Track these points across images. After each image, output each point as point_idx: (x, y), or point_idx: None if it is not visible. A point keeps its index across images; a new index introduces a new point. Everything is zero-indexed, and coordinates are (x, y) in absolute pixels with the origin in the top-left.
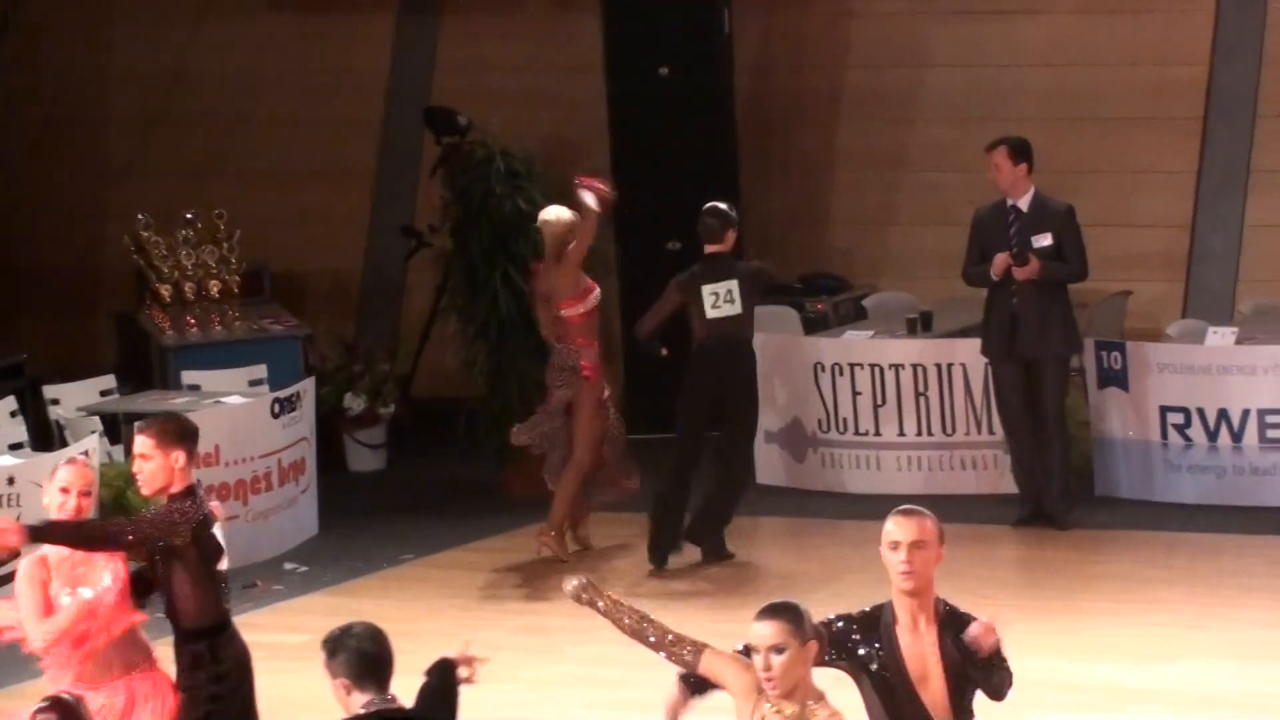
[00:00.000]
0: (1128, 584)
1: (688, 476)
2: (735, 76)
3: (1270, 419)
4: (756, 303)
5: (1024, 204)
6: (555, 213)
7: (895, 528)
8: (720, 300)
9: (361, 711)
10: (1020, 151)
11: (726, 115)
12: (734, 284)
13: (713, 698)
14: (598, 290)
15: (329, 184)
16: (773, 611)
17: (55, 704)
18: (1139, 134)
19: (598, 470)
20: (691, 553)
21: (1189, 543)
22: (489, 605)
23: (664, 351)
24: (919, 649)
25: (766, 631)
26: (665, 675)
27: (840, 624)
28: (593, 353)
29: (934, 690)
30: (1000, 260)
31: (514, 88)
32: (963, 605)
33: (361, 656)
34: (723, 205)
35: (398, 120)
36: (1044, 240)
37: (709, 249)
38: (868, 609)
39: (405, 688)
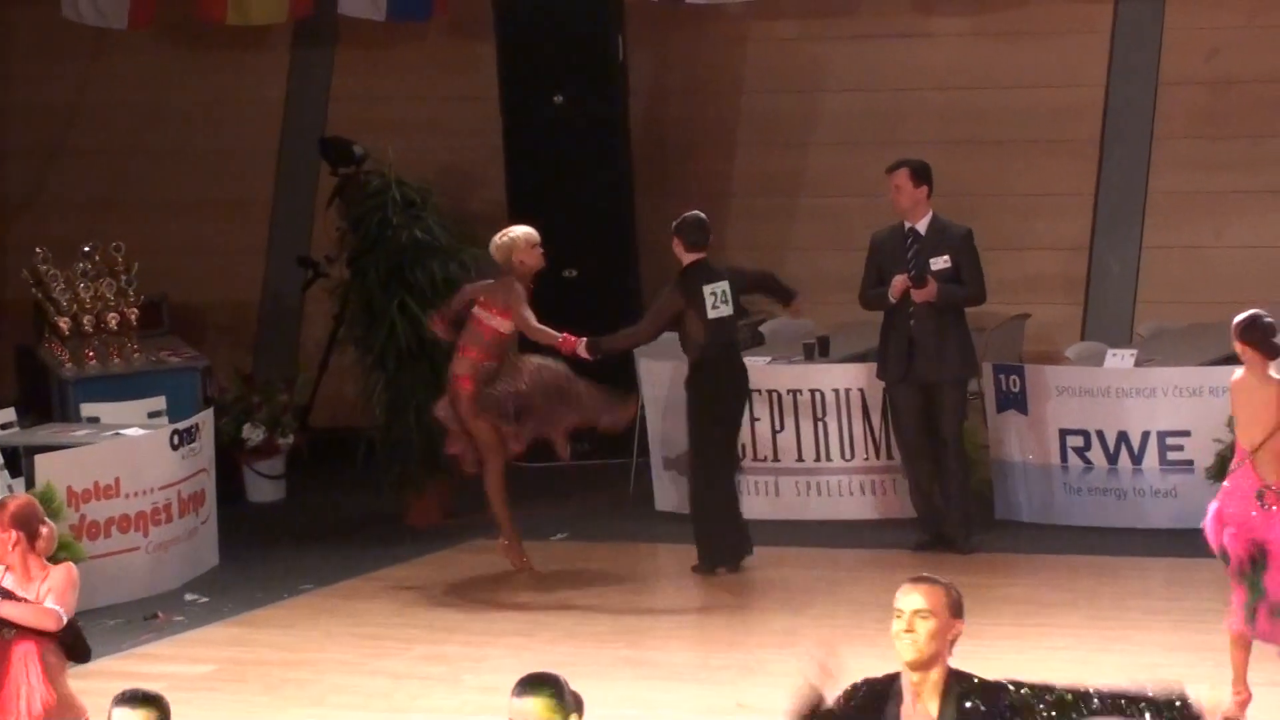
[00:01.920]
0: (1029, 608)
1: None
2: (630, 103)
3: (1170, 441)
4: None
5: (922, 227)
6: (494, 243)
7: (901, 594)
8: (718, 301)
9: None
10: (921, 174)
11: (622, 142)
12: (726, 285)
13: None
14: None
15: (226, 215)
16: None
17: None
18: (1036, 157)
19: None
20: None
21: (1090, 566)
22: (389, 635)
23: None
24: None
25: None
26: None
27: (850, 697)
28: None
29: None
30: (898, 282)
31: (409, 117)
32: (862, 630)
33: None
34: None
35: (293, 151)
36: (942, 263)
37: (695, 256)
38: (880, 676)
39: (307, 715)
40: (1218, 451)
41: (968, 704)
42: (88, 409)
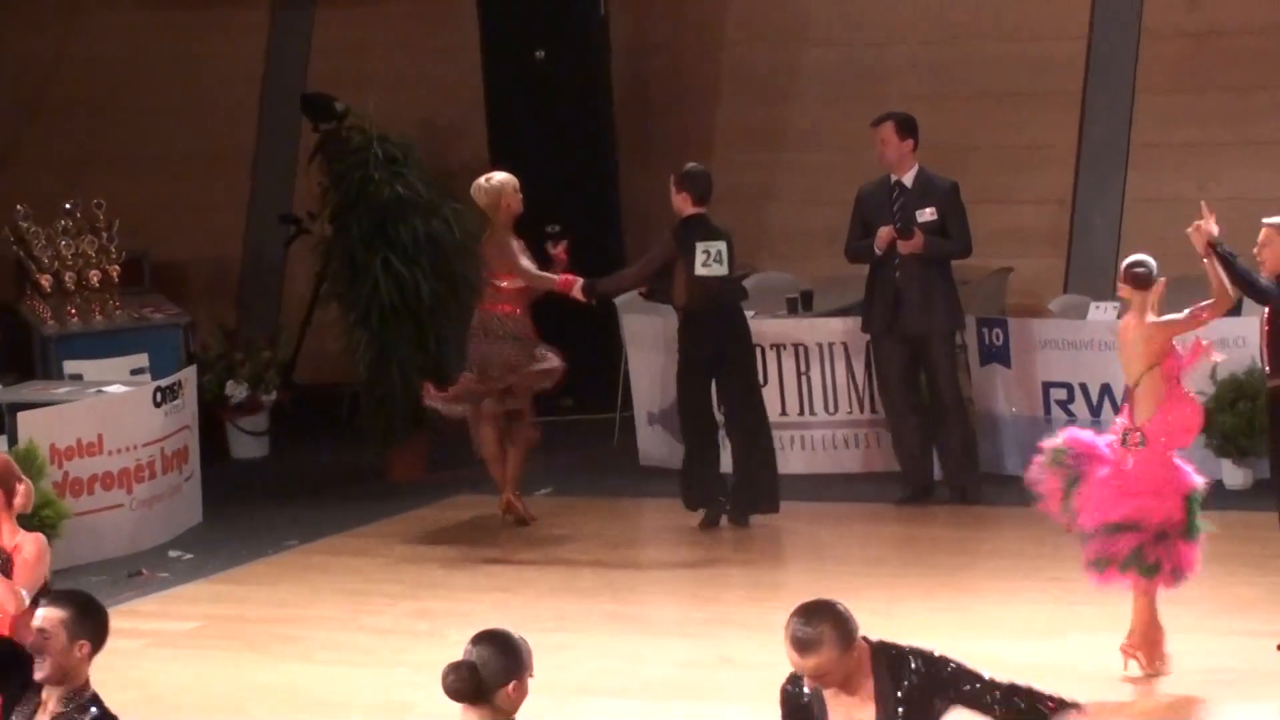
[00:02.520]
0: (1012, 560)
1: (714, 436)
2: (612, 58)
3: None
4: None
5: (908, 179)
6: (475, 187)
7: (790, 650)
8: (710, 259)
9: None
10: (907, 127)
11: (604, 97)
12: (724, 245)
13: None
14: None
15: (207, 172)
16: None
17: None
18: (1018, 109)
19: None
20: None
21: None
22: (374, 590)
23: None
24: (851, 706)
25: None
26: (545, 659)
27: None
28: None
29: None
30: (884, 234)
31: (390, 73)
32: (845, 583)
33: (106, 627)
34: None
35: (275, 107)
36: (928, 215)
37: (696, 210)
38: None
39: (295, 674)
40: (1202, 403)
41: (906, 681)
42: (70, 366)
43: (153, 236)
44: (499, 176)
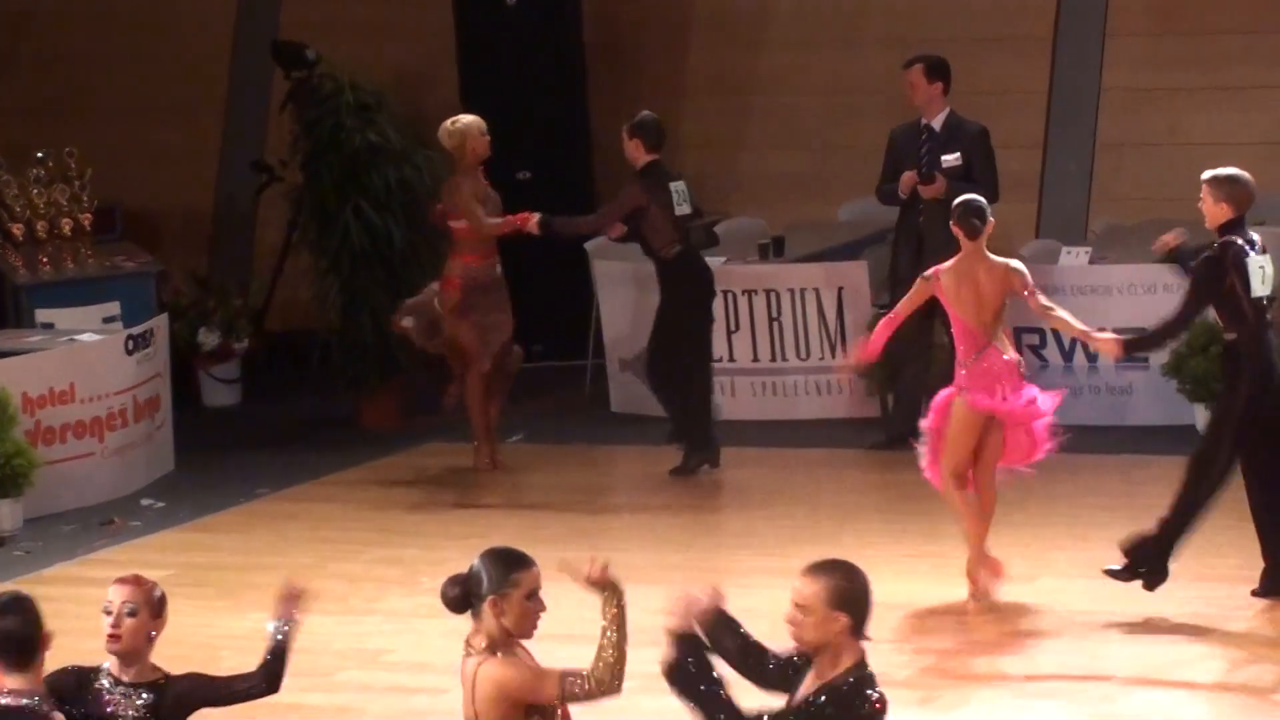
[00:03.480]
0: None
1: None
2: (582, 3)
3: (1125, 338)
4: None
5: (937, 123)
6: (442, 130)
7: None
8: (681, 199)
9: (8, 701)
10: (936, 70)
11: (575, 43)
12: (685, 184)
13: None
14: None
15: (179, 120)
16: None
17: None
18: (988, 54)
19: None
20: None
21: (1045, 463)
22: (345, 538)
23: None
24: (809, 683)
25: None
26: None
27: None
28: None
29: None
30: (907, 178)
31: (361, 19)
32: (817, 529)
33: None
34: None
35: (246, 55)
36: (953, 160)
37: (651, 157)
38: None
39: (266, 621)
40: (1173, 349)
41: (823, 698)
42: (42, 315)
43: (125, 185)
44: (465, 119)
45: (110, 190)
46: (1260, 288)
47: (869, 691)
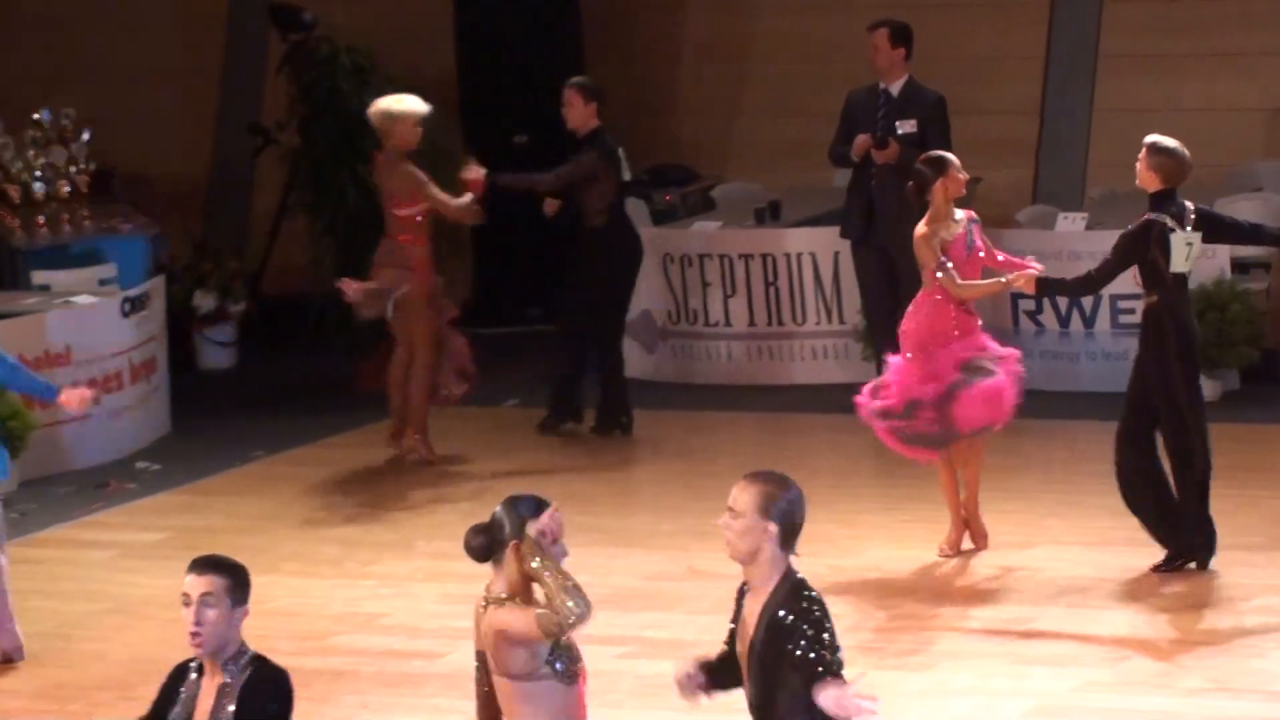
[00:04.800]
0: (981, 472)
1: None
2: None
3: (1122, 304)
4: None
5: (895, 89)
6: (378, 103)
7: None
8: (625, 167)
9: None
10: (900, 35)
11: (571, 6)
12: (622, 151)
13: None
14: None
15: (175, 83)
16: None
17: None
18: (985, 20)
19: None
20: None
21: (1042, 429)
22: (340, 501)
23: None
24: (752, 610)
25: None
26: None
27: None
28: (424, 251)
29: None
30: (860, 141)
31: None
32: (813, 493)
33: (249, 589)
34: None
35: (242, 18)
36: (908, 126)
37: (600, 123)
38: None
39: (262, 586)
40: None
41: (782, 613)
42: (38, 277)
43: (121, 148)
44: (409, 102)
45: (107, 153)
46: (1183, 264)
47: (809, 593)
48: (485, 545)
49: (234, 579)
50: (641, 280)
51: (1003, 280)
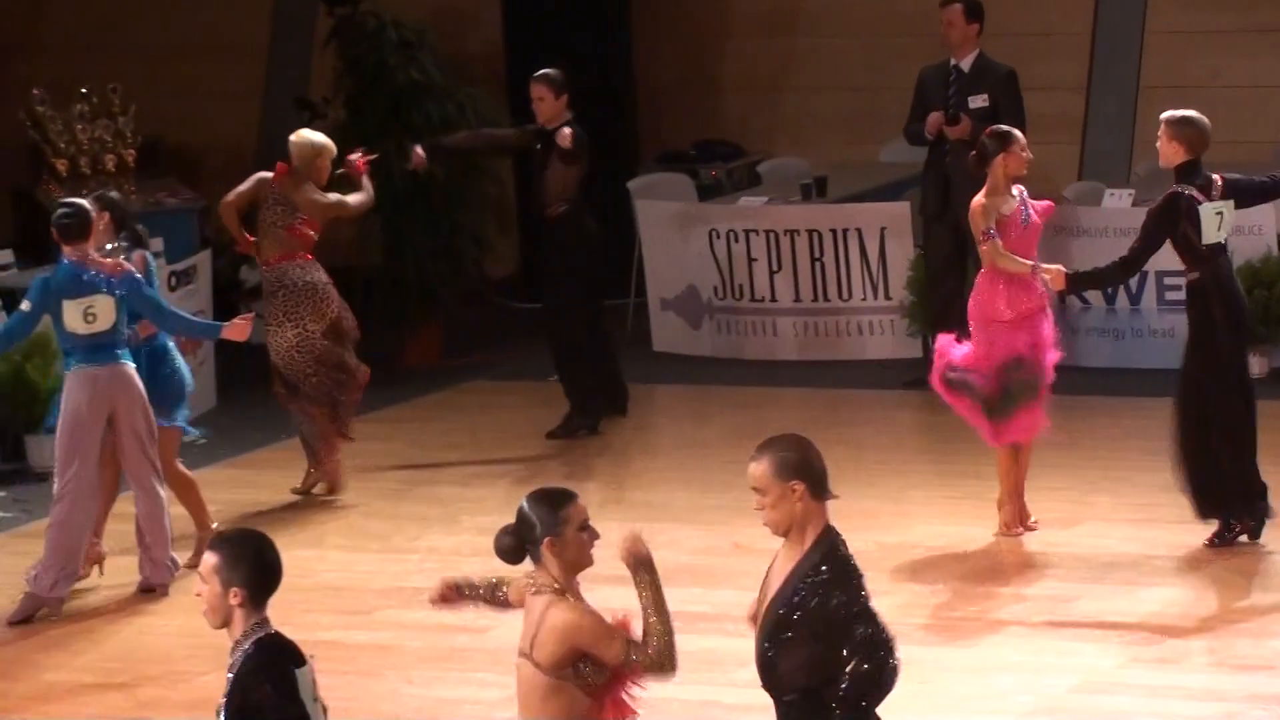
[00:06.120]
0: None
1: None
2: None
3: (1168, 280)
4: None
5: (966, 64)
6: (304, 134)
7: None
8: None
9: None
10: (974, 10)
11: None
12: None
13: None
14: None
15: (222, 57)
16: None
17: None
18: None
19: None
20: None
21: (1088, 406)
22: (387, 475)
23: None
24: (783, 567)
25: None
26: None
27: None
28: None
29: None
30: (934, 119)
31: None
32: (859, 470)
33: (265, 570)
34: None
35: None
36: (980, 101)
37: (572, 114)
38: None
39: (308, 560)
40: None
41: (819, 575)
42: None
43: (168, 121)
44: (322, 137)
45: (154, 126)
46: (1215, 234)
47: (844, 552)
48: (515, 546)
49: (225, 558)
50: (686, 255)
51: (1029, 264)
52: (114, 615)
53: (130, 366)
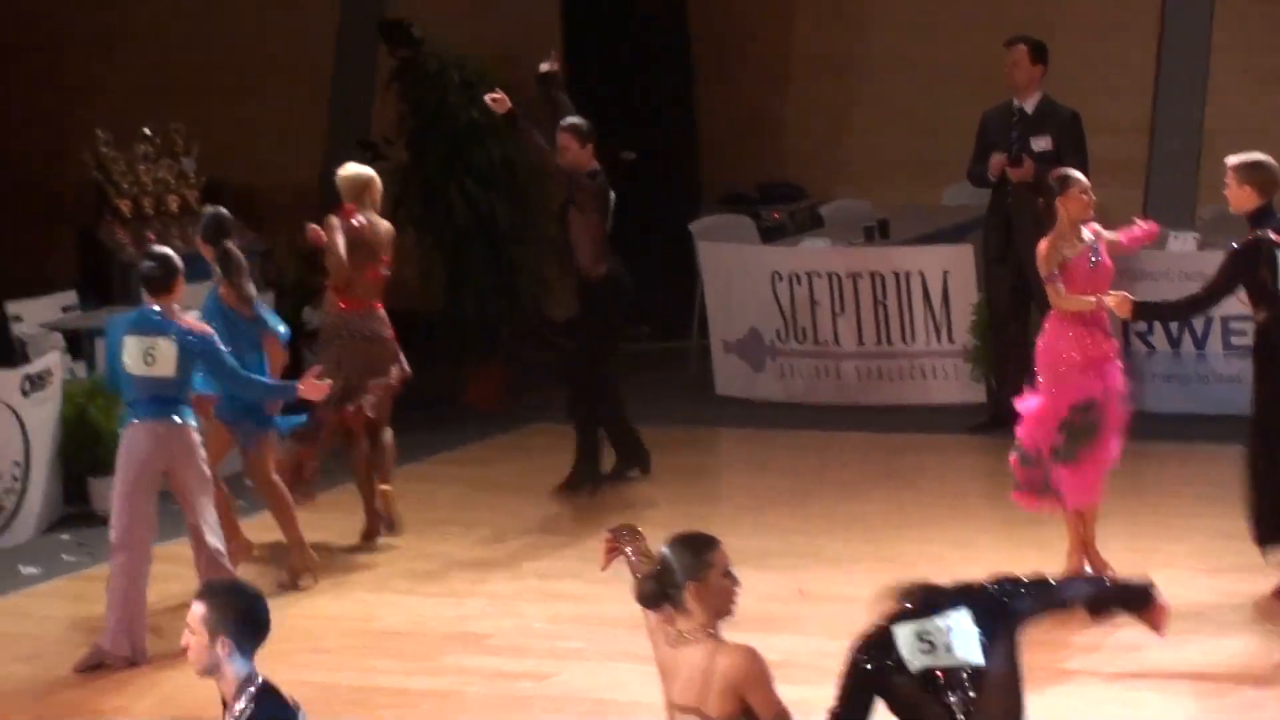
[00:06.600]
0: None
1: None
2: None
3: (1234, 325)
4: None
5: (1029, 106)
6: (351, 168)
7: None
8: (613, 212)
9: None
10: (1039, 52)
11: (680, 23)
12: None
13: None
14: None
15: (286, 98)
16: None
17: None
18: (1096, 38)
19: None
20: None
21: (1154, 453)
22: (450, 519)
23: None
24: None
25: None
26: (622, 590)
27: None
28: None
29: None
30: (996, 161)
31: None
32: (924, 514)
33: (253, 622)
34: None
35: (352, 32)
36: (1043, 143)
37: (597, 165)
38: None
39: (370, 603)
40: None
41: None
42: None
43: (231, 163)
44: (358, 167)
45: (217, 167)
46: None
47: None
48: (657, 591)
49: (212, 609)
50: (749, 297)
51: (1093, 299)
52: (174, 659)
53: (193, 429)
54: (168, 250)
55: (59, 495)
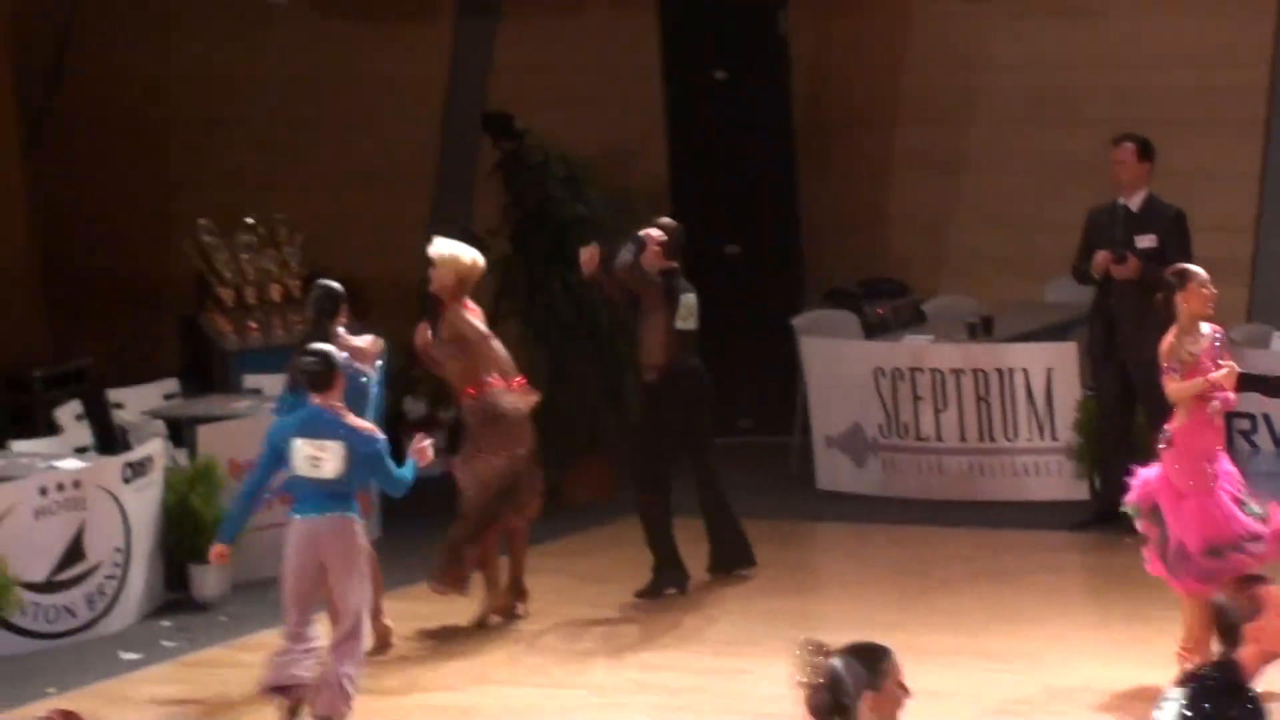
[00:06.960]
0: None
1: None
2: (792, 79)
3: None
4: None
5: (1135, 203)
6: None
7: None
8: (689, 313)
9: None
10: (1147, 149)
11: (784, 118)
12: (695, 298)
13: None
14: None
15: (388, 188)
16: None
17: None
18: (1201, 135)
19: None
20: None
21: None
22: (550, 610)
23: None
24: None
25: None
26: (723, 683)
27: None
28: None
29: None
30: (1101, 258)
31: (571, 91)
32: (1025, 610)
33: None
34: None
35: (456, 124)
36: (1148, 241)
37: (670, 264)
38: None
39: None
40: None
41: None
42: (250, 380)
43: (334, 252)
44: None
45: (319, 257)
46: None
47: None
48: (830, 704)
49: None
50: (851, 392)
51: (1205, 380)
52: None
53: (354, 520)
54: (326, 346)
55: (160, 582)
